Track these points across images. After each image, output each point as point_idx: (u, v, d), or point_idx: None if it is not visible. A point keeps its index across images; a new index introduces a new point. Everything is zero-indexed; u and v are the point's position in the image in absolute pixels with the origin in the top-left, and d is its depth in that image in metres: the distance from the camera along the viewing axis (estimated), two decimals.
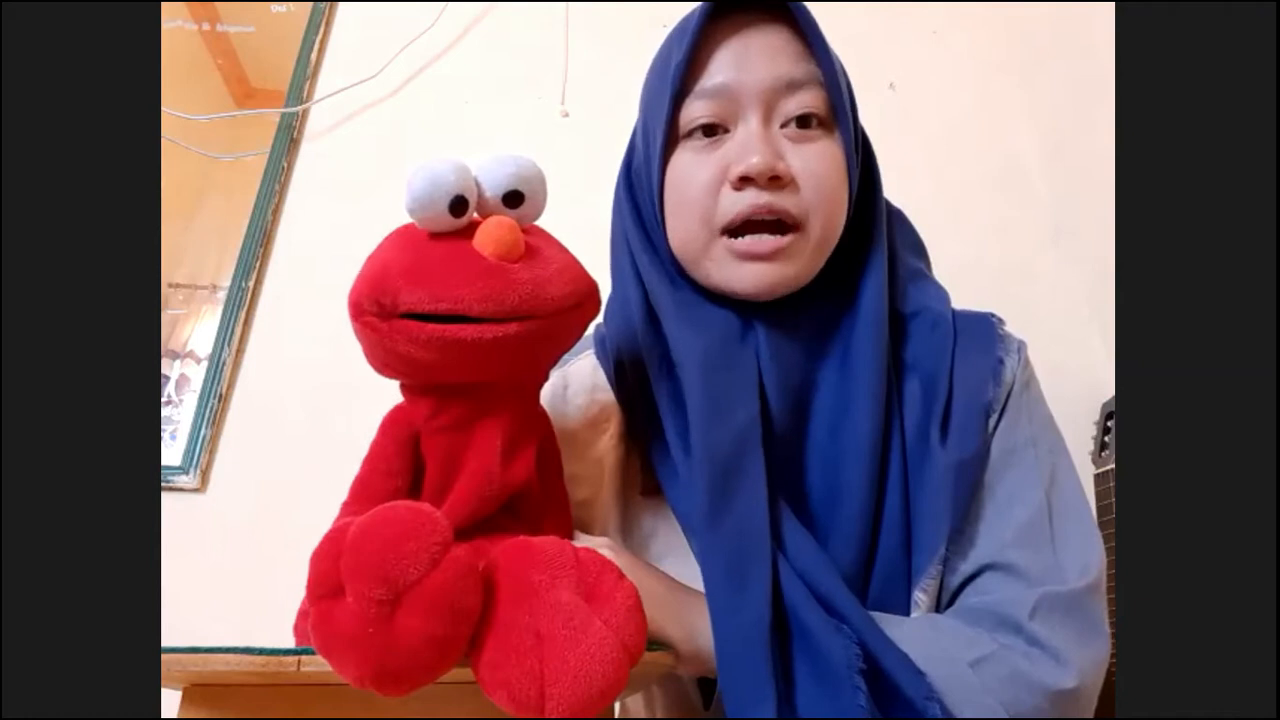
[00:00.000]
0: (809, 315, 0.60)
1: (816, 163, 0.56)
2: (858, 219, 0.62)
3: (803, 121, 0.56)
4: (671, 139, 0.59)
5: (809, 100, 0.56)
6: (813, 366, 0.59)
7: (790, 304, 0.59)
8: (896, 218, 0.66)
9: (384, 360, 0.50)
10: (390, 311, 0.46)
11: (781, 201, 0.55)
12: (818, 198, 0.56)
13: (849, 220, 0.60)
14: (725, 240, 0.57)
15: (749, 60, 0.56)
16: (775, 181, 0.55)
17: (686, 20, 0.59)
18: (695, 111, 0.57)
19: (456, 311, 0.46)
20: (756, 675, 0.47)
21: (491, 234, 0.47)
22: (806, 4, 0.59)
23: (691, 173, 0.58)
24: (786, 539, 0.53)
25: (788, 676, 0.49)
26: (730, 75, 0.57)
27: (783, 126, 0.57)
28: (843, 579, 0.52)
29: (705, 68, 0.58)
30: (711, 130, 0.57)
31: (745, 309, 0.60)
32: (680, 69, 0.58)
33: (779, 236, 0.56)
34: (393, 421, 0.52)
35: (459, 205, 0.48)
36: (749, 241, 0.56)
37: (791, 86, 0.56)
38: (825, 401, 0.58)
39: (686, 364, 0.57)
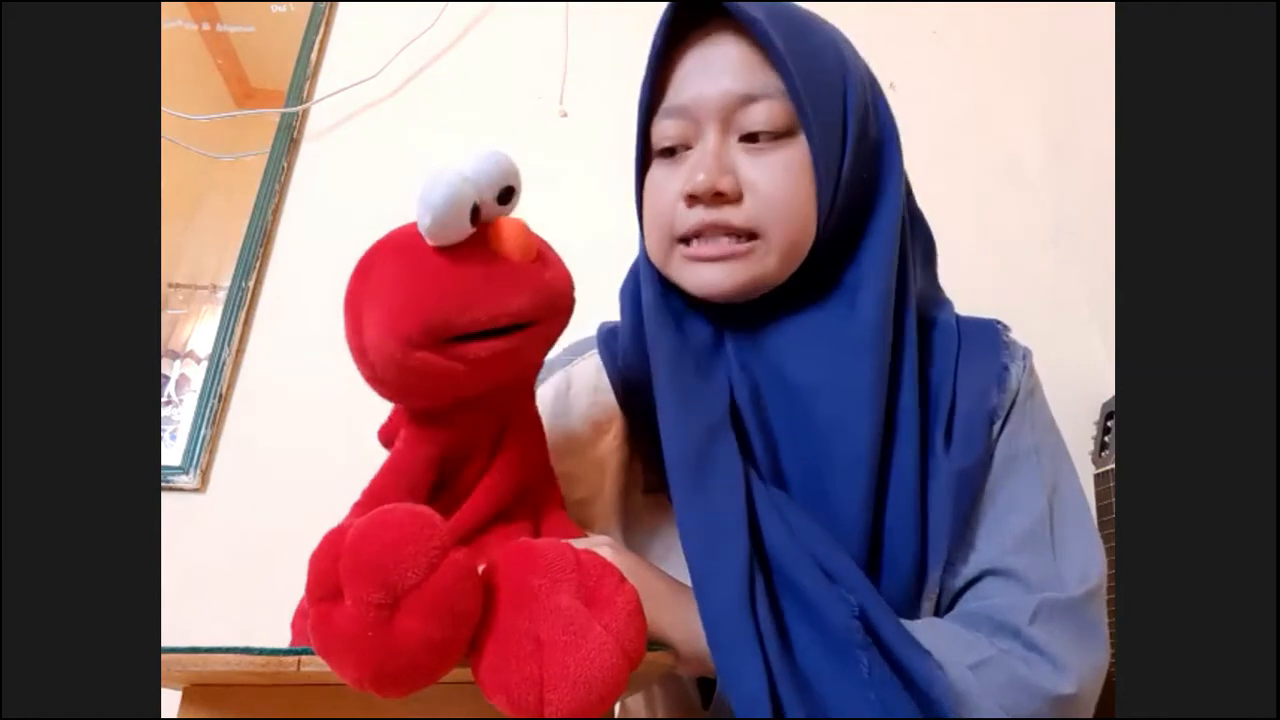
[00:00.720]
0: (794, 318, 0.60)
1: (772, 172, 0.56)
2: (858, 219, 0.61)
3: (762, 133, 0.56)
4: (647, 154, 0.61)
5: (767, 112, 0.56)
6: (796, 370, 0.58)
7: (770, 306, 0.59)
8: (917, 224, 0.65)
9: (424, 390, 0.49)
10: (442, 338, 0.46)
11: (728, 217, 0.56)
12: (770, 208, 0.56)
13: (846, 220, 0.60)
14: (680, 247, 0.59)
15: (708, 76, 0.57)
16: (720, 198, 0.56)
17: (654, 36, 0.60)
18: (663, 130, 0.59)
19: (516, 322, 0.47)
20: (740, 636, 0.48)
21: (515, 240, 0.48)
22: (787, 4, 0.59)
23: (659, 188, 0.60)
24: (787, 515, 0.53)
25: (786, 641, 0.49)
26: (690, 94, 0.57)
27: (742, 139, 0.57)
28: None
29: (671, 83, 0.59)
30: (677, 146, 0.59)
31: (722, 315, 0.60)
32: (646, 88, 0.60)
33: (736, 241, 0.57)
34: (420, 440, 0.52)
35: (476, 214, 0.47)
36: (698, 245, 0.58)
37: (746, 100, 0.56)
38: (811, 408, 0.57)
39: (656, 364, 0.58)
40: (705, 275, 0.58)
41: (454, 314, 0.45)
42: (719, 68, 0.57)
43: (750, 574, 0.50)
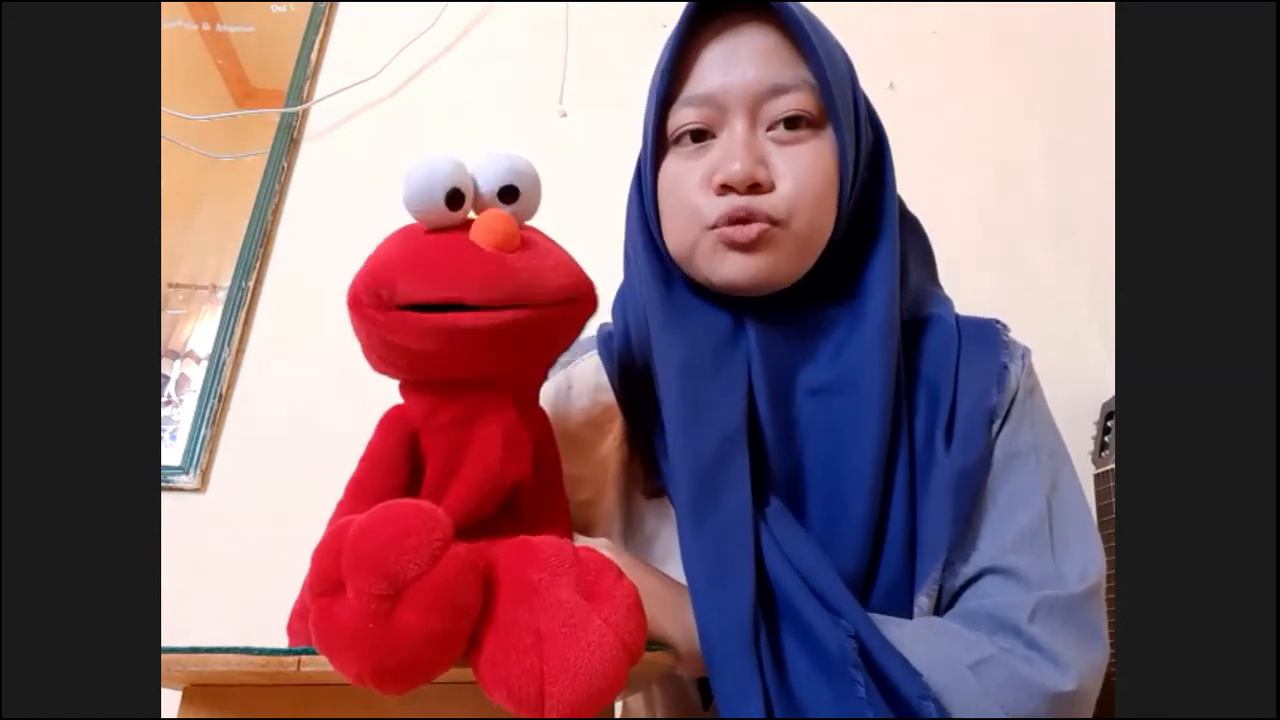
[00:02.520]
0: (809, 318, 0.60)
1: (800, 164, 0.56)
2: (864, 220, 0.61)
3: (790, 123, 0.56)
4: (662, 143, 0.60)
5: (796, 103, 0.56)
6: (814, 371, 0.59)
7: (786, 305, 0.59)
8: (910, 223, 0.65)
9: (382, 354, 0.50)
10: (388, 303, 0.47)
11: (760, 205, 0.56)
12: (800, 198, 0.56)
13: (852, 221, 0.60)
14: (712, 231, 0.57)
15: (735, 65, 0.57)
16: (755, 188, 0.56)
17: (677, 24, 0.59)
18: (683, 118, 0.58)
19: (455, 299, 0.46)
20: (742, 670, 0.47)
21: (487, 225, 0.48)
22: (803, 2, 0.59)
23: (681, 178, 0.59)
24: (781, 538, 0.53)
25: (781, 667, 0.49)
26: (715, 82, 0.57)
27: (769, 129, 0.57)
28: (844, 583, 0.52)
29: (692, 73, 0.58)
30: (699, 135, 0.58)
31: (738, 310, 0.60)
32: (665, 75, 0.59)
33: (766, 225, 0.56)
34: (391, 420, 0.52)
35: (455, 198, 0.48)
36: (730, 228, 0.56)
37: (776, 91, 0.56)
38: (827, 409, 0.57)
39: (664, 371, 0.57)
40: (735, 264, 0.57)
41: (400, 279, 0.47)
42: (746, 57, 0.57)
43: (755, 604, 0.49)
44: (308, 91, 1.44)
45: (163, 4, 1.45)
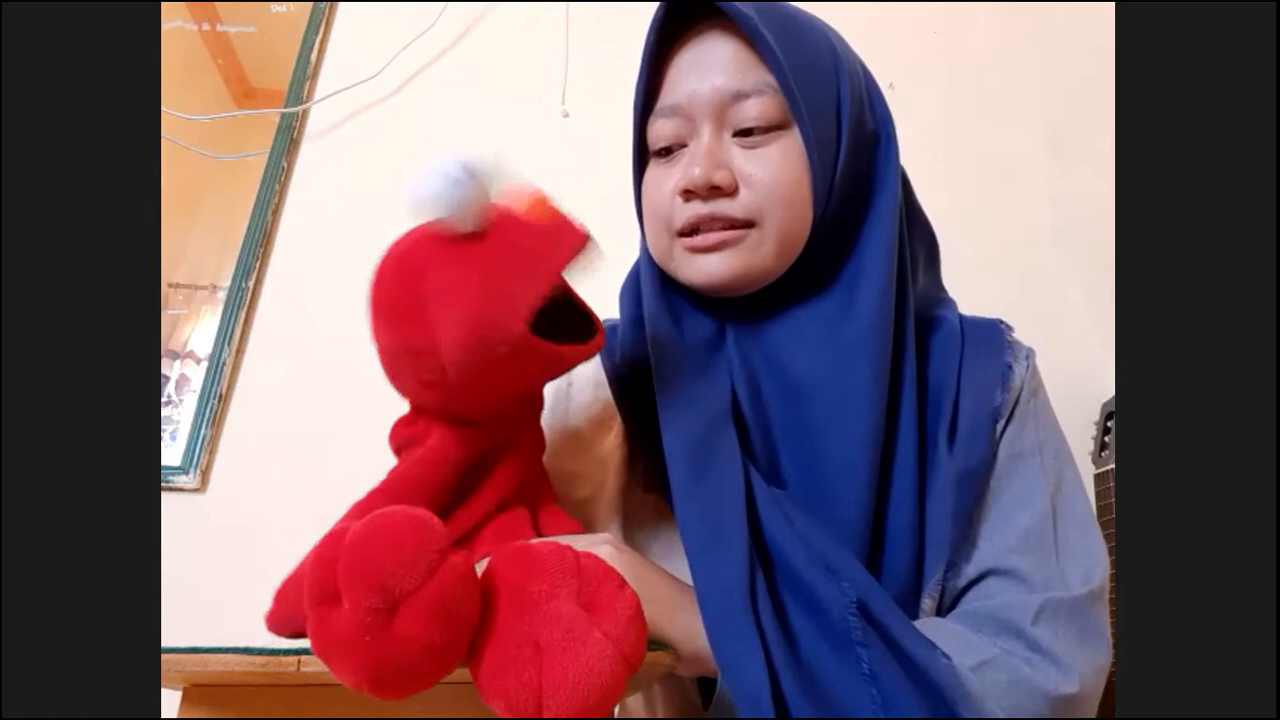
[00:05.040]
0: (795, 315, 0.60)
1: (766, 166, 0.57)
2: (858, 215, 0.61)
3: (755, 128, 0.57)
4: (644, 153, 0.62)
5: (759, 107, 0.57)
6: (796, 369, 0.58)
7: (769, 304, 0.60)
8: (919, 222, 0.65)
9: (503, 378, 0.49)
10: (535, 311, 0.46)
11: (724, 209, 0.57)
12: (767, 199, 0.56)
13: (844, 215, 0.60)
14: (680, 240, 0.59)
15: (702, 75, 0.58)
16: (716, 191, 0.56)
17: (647, 37, 0.60)
18: (659, 129, 0.60)
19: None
20: (739, 630, 0.48)
21: (537, 200, 0.50)
22: (778, 3, 0.60)
23: (657, 186, 0.60)
24: (788, 511, 0.53)
25: (788, 633, 0.49)
26: (683, 93, 0.58)
27: (736, 134, 0.58)
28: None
29: (665, 83, 0.60)
30: (672, 147, 0.60)
31: (719, 314, 0.61)
32: (640, 90, 0.61)
33: (727, 231, 0.57)
34: (456, 441, 0.51)
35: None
36: (698, 237, 0.58)
37: (739, 97, 0.57)
38: (807, 407, 0.57)
39: (657, 361, 0.58)
40: (702, 264, 0.58)
41: (540, 282, 0.47)
42: (712, 66, 0.57)
43: (750, 567, 0.50)
44: (308, 91, 1.44)
45: (163, 4, 1.45)
